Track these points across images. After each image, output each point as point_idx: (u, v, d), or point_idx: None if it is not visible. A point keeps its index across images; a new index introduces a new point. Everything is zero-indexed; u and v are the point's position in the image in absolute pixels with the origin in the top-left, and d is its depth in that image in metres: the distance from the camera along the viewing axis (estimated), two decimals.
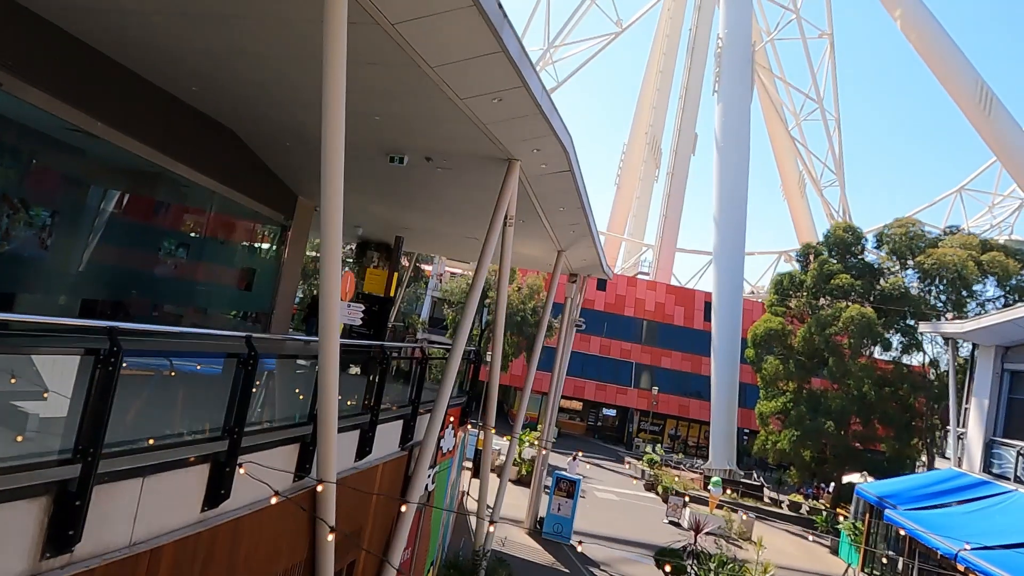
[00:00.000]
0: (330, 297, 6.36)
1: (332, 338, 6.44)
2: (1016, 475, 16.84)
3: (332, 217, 6.23)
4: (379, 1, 6.18)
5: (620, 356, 47.94)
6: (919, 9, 50.10)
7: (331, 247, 6.32)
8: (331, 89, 5.92)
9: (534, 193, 13.69)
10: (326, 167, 6.14)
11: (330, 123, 6.02)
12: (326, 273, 6.34)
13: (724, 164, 42.96)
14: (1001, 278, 28.18)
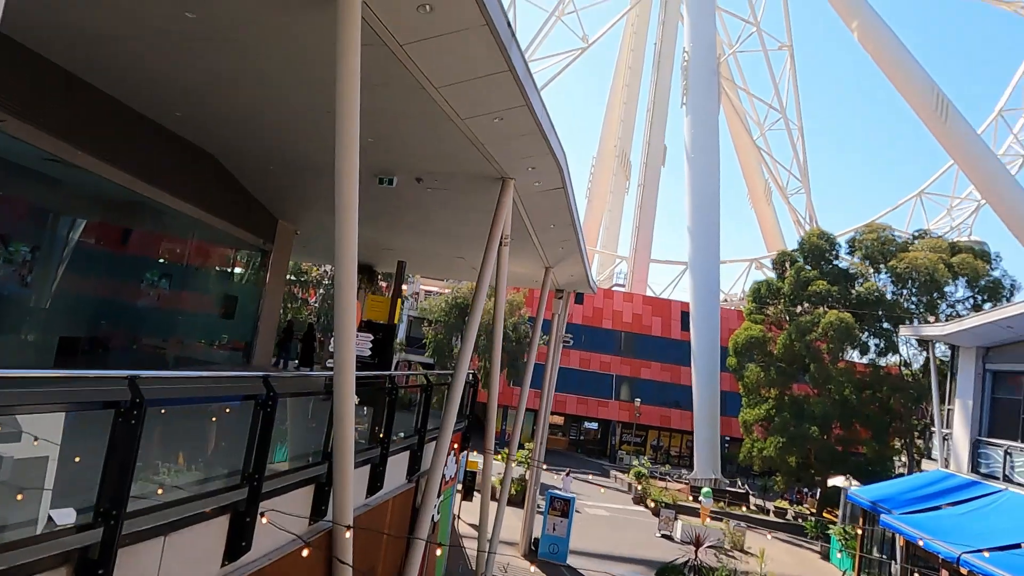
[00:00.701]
0: (346, 330, 6.07)
1: (347, 372, 6.13)
2: (1005, 474, 17.10)
3: (347, 244, 5.97)
4: (390, 22, 5.99)
5: (600, 369, 47.92)
6: (875, 21, 51.67)
7: (346, 277, 6.04)
8: (345, 112, 5.68)
9: (525, 211, 13.54)
10: (340, 193, 5.89)
11: (344, 147, 5.78)
12: (341, 304, 6.06)
13: (696, 175, 43.51)
14: (971, 279, 28.90)
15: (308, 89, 8.32)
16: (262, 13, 6.11)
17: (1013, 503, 15.93)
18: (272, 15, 6.13)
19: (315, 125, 10.06)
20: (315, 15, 5.92)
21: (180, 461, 5.55)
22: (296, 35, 6.57)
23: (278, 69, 7.66)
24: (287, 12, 6.02)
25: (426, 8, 5.77)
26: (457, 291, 39.71)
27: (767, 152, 66.37)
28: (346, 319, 6.08)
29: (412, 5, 5.74)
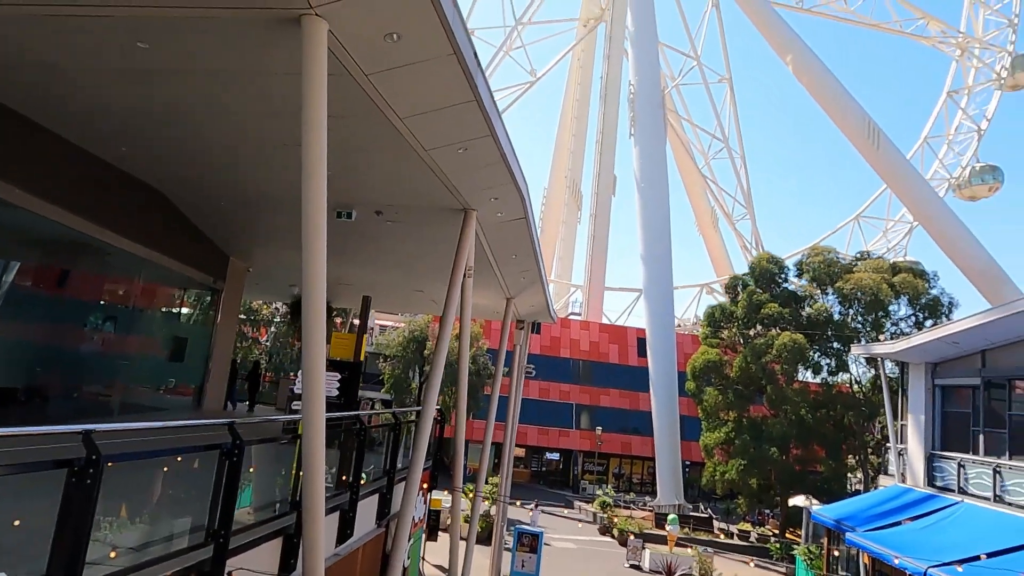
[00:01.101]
0: (315, 371, 5.76)
1: (317, 415, 5.80)
2: (960, 486, 17.55)
3: (315, 281, 5.69)
4: (355, 51, 5.83)
5: (560, 398, 47.76)
6: (808, 55, 54.29)
7: (314, 315, 5.74)
8: (311, 144, 5.45)
9: (487, 242, 13.44)
10: (308, 228, 5.62)
11: (311, 181, 5.53)
12: (310, 344, 5.75)
13: (646, 204, 44.40)
14: (912, 298, 30.07)
15: (268, 121, 8.06)
16: (220, 42, 5.87)
17: (970, 515, 16.32)
18: (231, 45, 5.89)
19: (273, 158, 9.79)
20: (278, 45, 5.72)
21: (132, 519, 5.11)
22: (257, 65, 6.34)
23: (236, 101, 7.39)
24: (247, 41, 5.80)
25: (393, 37, 5.65)
26: (414, 324, 39.16)
27: (712, 180, 68.42)
28: (314, 359, 5.77)
29: (379, 34, 5.61)
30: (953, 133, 64.34)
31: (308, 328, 5.75)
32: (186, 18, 5.29)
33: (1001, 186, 61.48)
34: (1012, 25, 60.74)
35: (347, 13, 5.23)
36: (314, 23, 5.19)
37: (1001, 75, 60.76)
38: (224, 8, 5.09)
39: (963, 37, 62.44)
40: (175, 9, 5.13)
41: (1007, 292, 48.43)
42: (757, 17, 56.48)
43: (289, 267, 19.12)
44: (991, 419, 17.15)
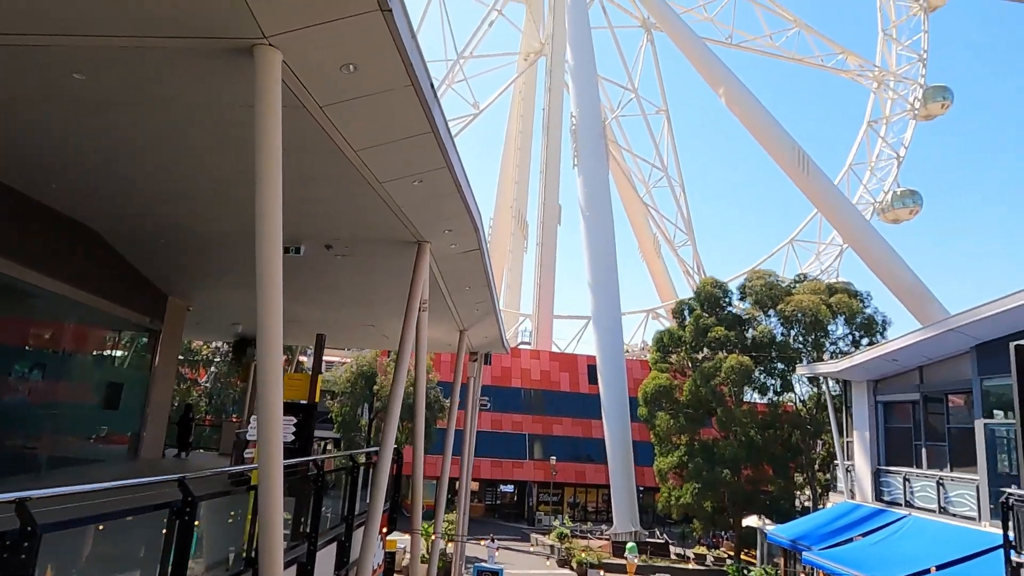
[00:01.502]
0: (271, 416, 5.42)
1: (274, 464, 5.45)
2: (906, 500, 18.07)
3: (271, 321, 5.37)
4: (310, 83, 5.64)
5: (512, 429, 47.34)
6: (739, 87, 56.71)
7: (270, 356, 5.42)
8: (265, 179, 5.20)
9: (441, 274, 13.25)
10: (263, 266, 5.33)
11: (266, 216, 5.26)
12: (266, 386, 5.41)
13: (592, 232, 45.05)
14: (848, 317, 31.26)
15: (216, 154, 7.74)
16: (166, 73, 5.59)
17: (917, 528, 16.78)
18: (178, 75, 5.61)
19: (221, 193, 9.41)
20: (227, 75, 5.48)
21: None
22: (204, 96, 6.06)
23: (181, 133, 7.06)
24: (195, 72, 5.53)
25: (350, 68, 5.50)
26: (361, 360, 38.25)
27: (654, 208, 70.23)
28: (270, 404, 5.44)
29: (335, 65, 5.45)
30: (875, 160, 67.98)
31: (264, 370, 5.43)
32: (130, 47, 5.00)
33: (920, 209, 65.13)
34: (922, 60, 65.05)
35: (302, 43, 5.06)
36: (268, 53, 4.99)
37: (915, 106, 64.80)
38: (172, 37, 4.84)
39: (879, 71, 66.46)
40: (119, 39, 4.84)
41: (932, 309, 51.07)
42: (690, 52, 58.81)
43: (233, 305, 18.44)
44: (932, 433, 17.80)
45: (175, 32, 4.79)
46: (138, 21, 4.67)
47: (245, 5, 4.54)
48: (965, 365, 16.36)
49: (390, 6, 4.85)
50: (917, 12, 65.37)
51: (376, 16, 4.91)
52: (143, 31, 4.76)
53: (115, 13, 4.56)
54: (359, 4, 4.74)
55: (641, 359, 53.80)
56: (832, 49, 67.57)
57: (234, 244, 12.15)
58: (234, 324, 19.37)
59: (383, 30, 5.09)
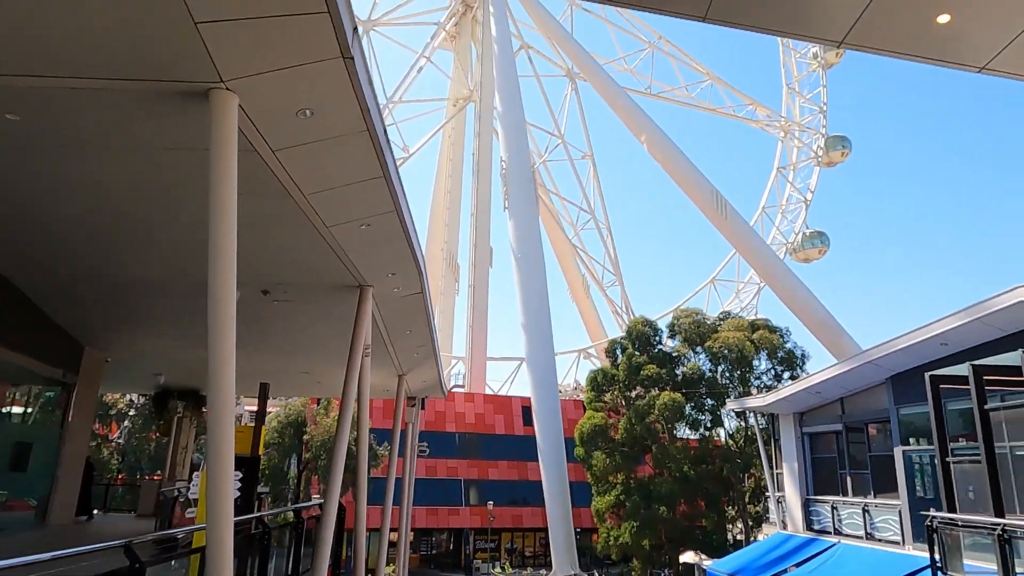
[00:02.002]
0: (222, 473, 5.13)
1: (224, 526, 5.13)
2: (835, 528, 18.77)
3: (223, 373, 5.14)
4: (264, 127, 5.55)
5: (448, 475, 46.36)
6: (659, 135, 59.51)
7: (222, 412, 5.16)
8: (221, 226, 5.04)
9: (382, 318, 13.04)
10: (216, 316, 5.12)
11: (220, 264, 5.09)
12: (217, 442, 5.13)
13: (524, 274, 45.55)
14: (770, 352, 32.71)
15: (149, 198, 7.44)
16: (109, 116, 5.38)
17: (847, 555, 17.41)
18: (122, 118, 5.41)
19: (149, 238, 9.02)
20: (173, 119, 5.33)
21: None
22: (145, 140, 5.85)
23: (110, 178, 6.76)
24: (139, 115, 5.35)
25: (306, 112, 5.46)
26: (290, 408, 36.80)
27: (582, 250, 71.86)
28: (222, 458, 5.15)
29: (292, 110, 5.40)
30: (785, 203, 72.30)
31: (216, 422, 5.15)
32: (78, 89, 4.79)
33: (828, 249, 69.47)
34: (823, 111, 70.28)
35: (260, 88, 4.99)
36: (224, 97, 4.90)
37: (818, 153, 69.66)
38: (123, 80, 4.68)
39: (785, 121, 71.28)
40: (67, 79, 4.64)
41: (844, 342, 54.06)
42: (613, 101, 61.47)
43: (155, 355, 17.45)
44: (855, 461, 18.67)
45: (127, 75, 4.64)
46: (89, 63, 4.50)
47: (204, 49, 4.47)
48: (882, 395, 17.36)
49: (352, 53, 4.88)
50: (816, 68, 70.82)
51: (338, 63, 4.92)
52: (93, 73, 4.58)
53: (65, 54, 4.38)
54: (322, 51, 4.74)
55: (574, 399, 54.20)
56: (742, 100, 72.11)
57: (160, 291, 11.62)
58: (156, 375, 18.31)
59: (343, 77, 5.10)
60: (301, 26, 4.49)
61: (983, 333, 13.81)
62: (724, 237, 61.33)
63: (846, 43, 5.58)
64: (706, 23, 5.57)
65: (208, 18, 4.24)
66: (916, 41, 5.41)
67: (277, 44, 4.63)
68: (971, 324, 13.59)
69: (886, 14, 5.07)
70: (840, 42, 5.58)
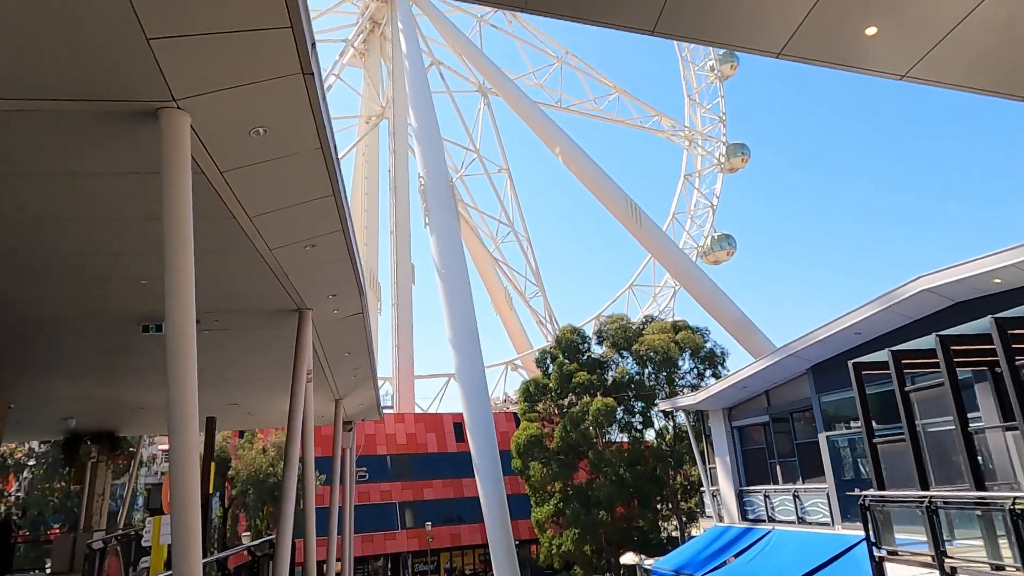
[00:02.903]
0: (189, 515, 4.80)
1: (194, 570, 4.80)
2: (769, 515, 19.63)
3: (186, 412, 4.84)
4: (214, 148, 5.29)
5: (382, 499, 45.19)
6: (573, 146, 60.88)
7: (185, 453, 4.85)
8: (177, 253, 4.77)
9: (320, 342, 12.63)
10: (175, 349, 4.82)
11: (178, 296, 4.80)
12: (181, 485, 4.81)
13: (449, 289, 45.27)
14: (693, 352, 33.97)
15: (66, 229, 6.90)
16: (39, 140, 4.97)
17: (783, 540, 18.25)
18: (53, 142, 5.01)
19: (61, 271, 8.32)
20: (111, 141, 5.00)
21: None
22: (75, 165, 5.44)
23: (28, 205, 6.22)
24: (74, 138, 4.97)
25: (260, 131, 5.25)
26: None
27: (503, 262, 72.32)
28: (187, 497, 4.83)
29: (245, 128, 5.18)
30: (693, 209, 75.57)
31: (179, 464, 4.83)
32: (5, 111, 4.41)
33: (735, 251, 73.13)
34: (722, 120, 74.12)
35: (213, 106, 4.76)
36: (176, 117, 4.64)
37: (720, 161, 73.35)
38: (68, 100, 4.35)
39: (688, 131, 74.68)
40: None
41: (757, 339, 56.85)
42: (526, 114, 62.45)
43: (66, 398, 16.14)
44: (783, 450, 19.63)
45: (70, 95, 4.31)
46: (28, 83, 4.15)
47: (156, 67, 4.22)
48: (804, 386, 18.37)
49: (312, 69, 4.74)
50: (713, 80, 74.70)
51: (297, 79, 4.77)
52: (31, 94, 4.23)
53: (2, 73, 4.02)
54: (282, 67, 4.59)
55: (504, 411, 54.23)
56: (648, 112, 75.02)
57: (76, 327, 10.82)
58: (66, 419, 16.93)
59: (301, 93, 4.95)
60: (261, 41, 4.33)
61: (892, 321, 14.91)
62: (640, 244, 63.35)
63: (784, 55, 5.94)
64: (654, 36, 5.79)
65: (161, 34, 4.02)
66: (846, 52, 5.82)
67: (234, 60, 4.44)
68: (882, 313, 14.66)
69: (820, 28, 5.43)
70: (778, 54, 5.93)
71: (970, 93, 6.10)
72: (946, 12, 4.92)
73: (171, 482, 4.86)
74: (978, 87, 5.95)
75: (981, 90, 5.99)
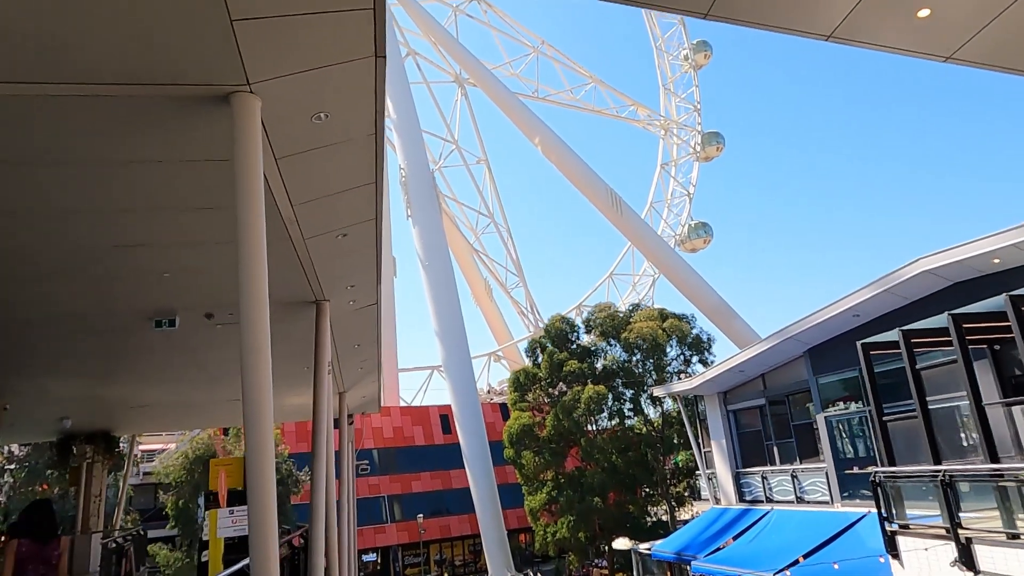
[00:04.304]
0: (266, 507, 4.74)
1: (272, 564, 4.74)
2: (767, 496, 20.02)
3: (260, 409, 4.77)
4: (274, 134, 5.16)
5: (370, 493, 44.97)
6: (552, 137, 60.93)
7: (261, 436, 4.77)
8: (251, 244, 4.70)
9: (332, 334, 12.49)
10: (250, 343, 4.74)
11: (253, 286, 4.72)
12: (257, 469, 4.73)
13: (433, 281, 45.13)
14: (680, 338, 34.34)
15: (99, 219, 6.65)
16: (102, 125, 4.80)
17: (783, 519, 18.63)
18: (117, 128, 4.85)
19: (66, 268, 7.94)
20: (184, 126, 4.87)
21: None
22: (138, 151, 5.27)
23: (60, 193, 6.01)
24: (141, 123, 4.82)
25: (322, 116, 5.15)
26: (196, 443, 34.35)
27: (484, 253, 72.20)
28: (264, 488, 4.76)
29: (308, 113, 5.07)
30: (671, 198, 76.31)
31: (255, 455, 4.75)
32: (63, 97, 4.26)
33: (712, 239, 74.08)
34: (697, 109, 74.80)
35: (283, 90, 4.66)
36: (248, 101, 4.52)
37: (696, 150, 74.05)
38: (141, 84, 4.22)
39: (664, 120, 75.21)
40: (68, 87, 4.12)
41: (737, 324, 57.76)
42: (504, 105, 62.24)
43: (64, 398, 15.72)
44: (780, 431, 20.00)
45: (144, 79, 4.18)
46: (104, 68, 4.02)
47: (236, 49, 4.11)
48: (801, 368, 18.72)
49: (385, 53, 4.67)
50: (688, 70, 75.24)
51: (369, 63, 4.69)
52: (104, 79, 4.10)
53: (80, 59, 3.89)
54: (358, 49, 4.50)
55: (490, 402, 54.30)
56: (624, 101, 75.34)
57: (77, 326, 10.52)
58: (62, 419, 16.52)
59: (370, 77, 4.87)
60: (342, 23, 4.25)
61: (890, 302, 15.25)
62: (621, 233, 63.77)
63: (833, 37, 6.00)
64: (707, 19, 5.81)
65: (245, 15, 3.91)
66: (895, 35, 5.90)
67: (312, 43, 4.35)
68: (881, 295, 14.98)
69: (873, 10, 5.51)
70: (828, 36, 6.00)
71: (1014, 75, 6.24)
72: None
73: (247, 475, 4.79)
74: (1020, 68, 6.10)
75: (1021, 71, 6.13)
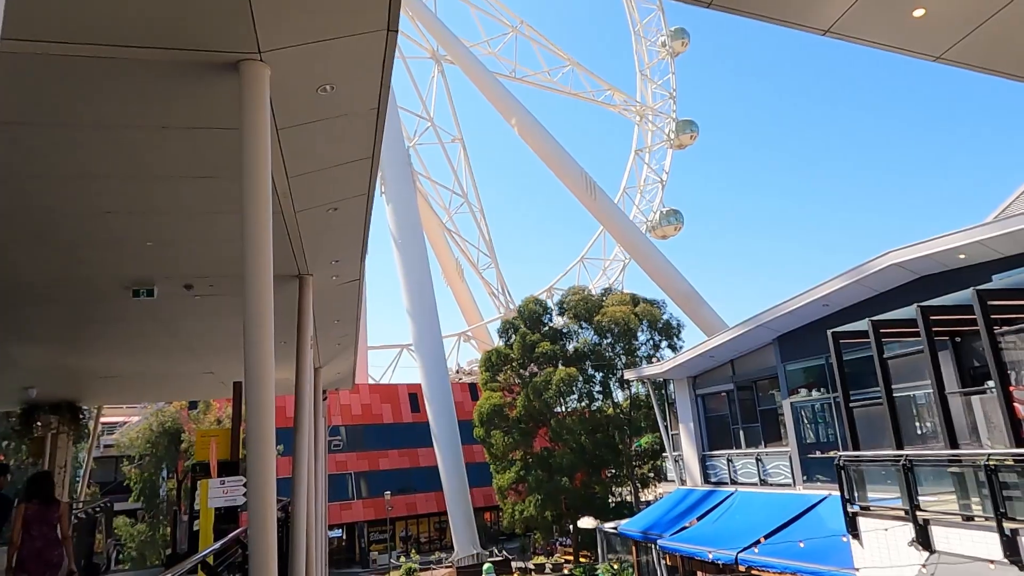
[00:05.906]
0: (266, 475, 4.76)
1: (270, 535, 4.79)
2: (731, 478, 20.60)
3: (262, 378, 4.77)
4: (280, 105, 5.10)
5: (336, 470, 44.88)
6: (529, 118, 60.67)
7: (263, 406, 4.78)
8: (256, 213, 4.64)
9: (313, 309, 12.41)
10: (252, 312, 4.73)
11: (257, 255, 4.69)
12: (259, 439, 4.75)
13: (406, 259, 44.89)
14: (651, 323, 34.84)
15: (93, 184, 6.52)
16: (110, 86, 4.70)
17: (746, 500, 19.22)
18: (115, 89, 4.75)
19: (35, 233, 7.76)
20: (182, 93, 4.79)
21: None
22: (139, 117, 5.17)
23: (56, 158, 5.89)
24: (149, 89, 4.73)
25: (327, 88, 5.11)
26: (162, 415, 33.84)
27: (456, 233, 71.90)
28: (263, 462, 4.78)
29: (314, 85, 5.03)
30: (643, 184, 76.87)
31: (256, 427, 4.75)
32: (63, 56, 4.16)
33: (683, 226, 74.89)
34: (672, 97, 75.18)
35: (293, 60, 4.61)
36: (257, 70, 4.48)
37: (670, 137, 74.54)
38: (154, 48, 4.14)
39: (639, 106, 75.45)
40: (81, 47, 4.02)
41: (704, 311, 58.72)
42: (481, 84, 61.68)
43: (27, 367, 15.34)
44: (746, 416, 20.54)
45: (159, 43, 4.11)
46: (110, 29, 3.93)
47: (250, 16, 4.06)
48: (770, 354, 19.21)
49: (397, 26, 4.65)
50: (665, 56, 75.43)
51: (379, 36, 4.66)
52: (119, 40, 4.01)
53: (98, 18, 3.80)
54: (371, 22, 4.47)
55: (460, 382, 54.48)
56: (601, 85, 75.31)
57: (50, 295, 10.27)
58: (26, 388, 16.14)
59: (379, 51, 4.84)
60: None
61: (859, 293, 15.73)
62: (594, 217, 64.06)
63: (830, 32, 6.15)
64: (711, 9, 5.90)
65: None
66: (890, 32, 6.07)
67: (326, 13, 4.31)
68: (851, 286, 15.44)
69: (871, 7, 5.66)
70: (825, 31, 6.14)
71: (998, 77, 6.47)
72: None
73: (248, 444, 4.80)
74: (1007, 71, 6.32)
75: (1009, 75, 6.36)
